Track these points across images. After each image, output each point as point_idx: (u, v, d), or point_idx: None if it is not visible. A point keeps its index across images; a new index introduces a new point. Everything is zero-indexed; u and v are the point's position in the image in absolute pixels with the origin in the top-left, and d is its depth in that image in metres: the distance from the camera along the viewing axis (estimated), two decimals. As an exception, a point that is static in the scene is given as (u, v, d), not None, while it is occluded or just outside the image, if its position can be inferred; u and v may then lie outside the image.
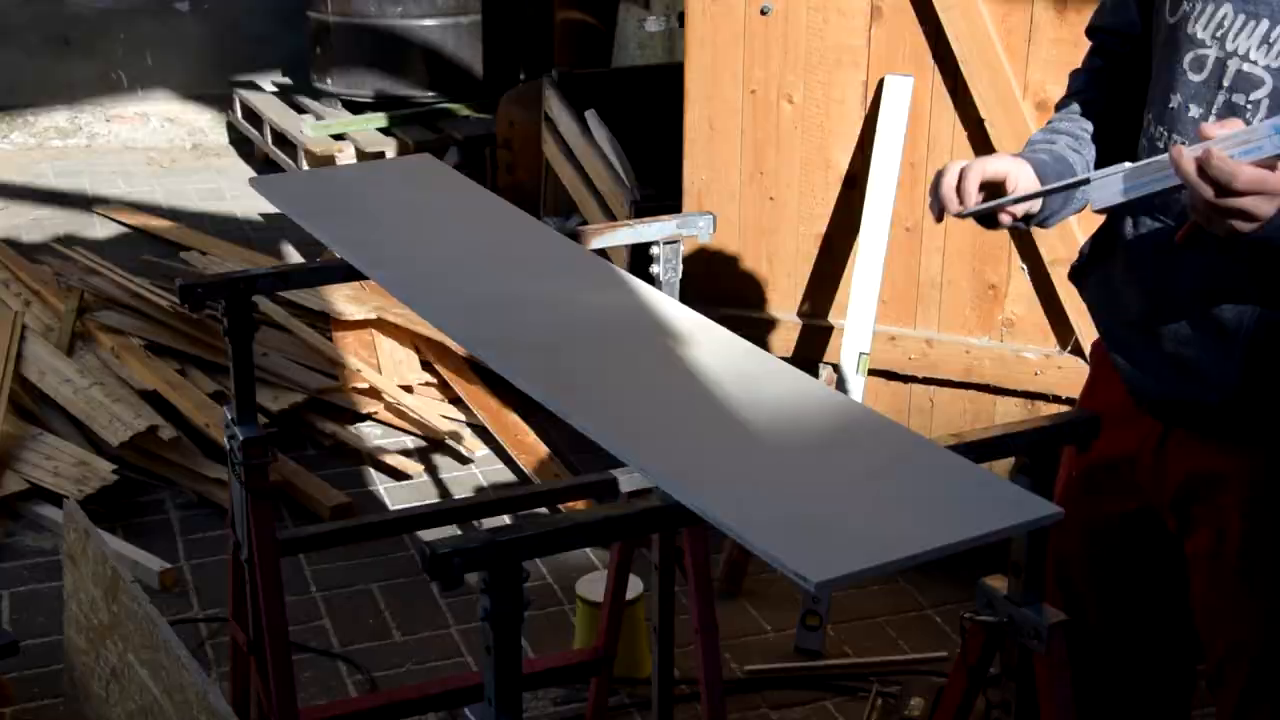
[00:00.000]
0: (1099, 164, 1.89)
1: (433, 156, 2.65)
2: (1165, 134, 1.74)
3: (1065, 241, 3.12)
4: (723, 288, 3.52)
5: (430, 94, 6.66)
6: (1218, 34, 1.66)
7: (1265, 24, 1.62)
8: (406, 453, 4.14)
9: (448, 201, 2.37)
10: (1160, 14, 1.76)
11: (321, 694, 3.12)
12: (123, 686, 2.53)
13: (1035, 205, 1.84)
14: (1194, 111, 1.69)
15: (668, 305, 1.95)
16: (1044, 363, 3.34)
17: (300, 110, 6.77)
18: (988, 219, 1.84)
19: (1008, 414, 3.41)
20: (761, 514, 1.45)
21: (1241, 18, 1.64)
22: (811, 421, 1.65)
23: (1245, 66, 1.64)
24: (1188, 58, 1.70)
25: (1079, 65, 2.02)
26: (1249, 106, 1.65)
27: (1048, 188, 1.79)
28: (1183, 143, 1.67)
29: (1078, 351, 3.30)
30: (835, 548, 1.39)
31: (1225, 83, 1.66)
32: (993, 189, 1.82)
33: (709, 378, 1.74)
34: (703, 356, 1.79)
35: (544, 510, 3.19)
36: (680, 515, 1.52)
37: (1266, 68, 1.63)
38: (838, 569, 1.35)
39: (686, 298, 2.27)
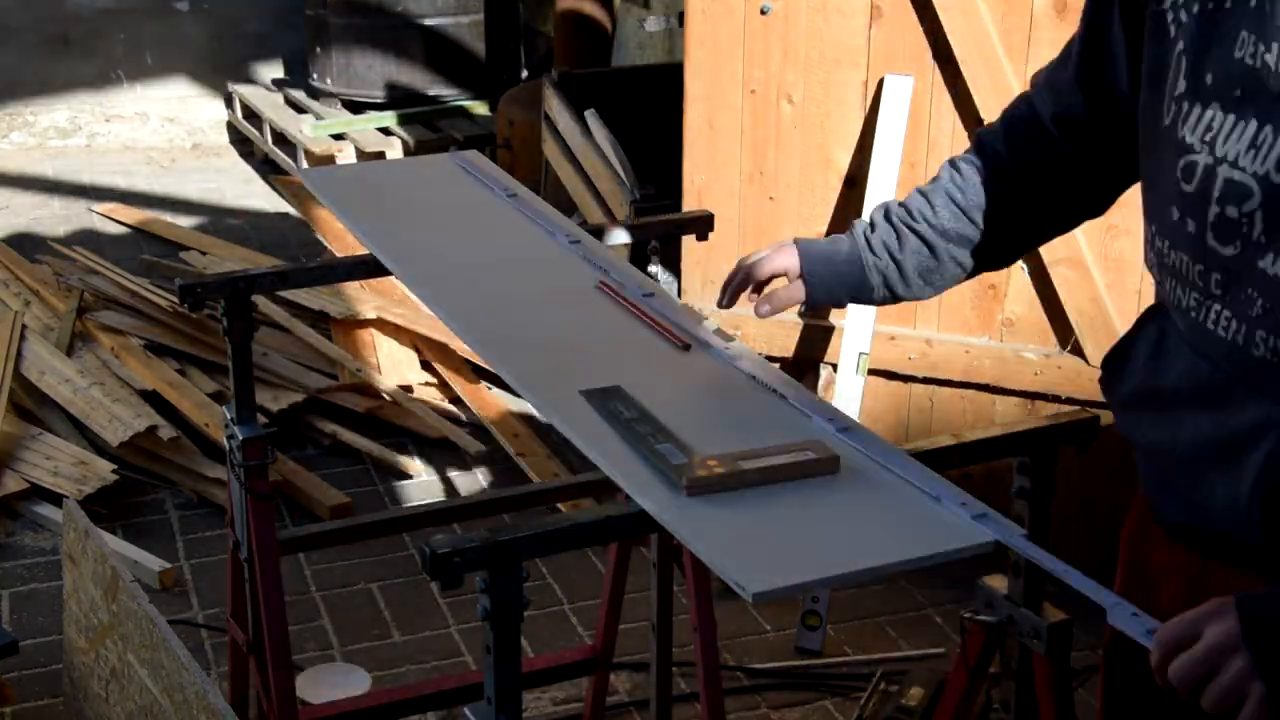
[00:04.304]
0: (985, 245, 1.81)
1: (479, 153, 2.65)
2: (1168, 249, 1.58)
3: (1067, 242, 3.11)
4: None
5: (431, 93, 6.66)
6: (1207, 138, 1.51)
7: (1254, 124, 1.47)
8: (406, 453, 4.14)
9: (487, 199, 2.36)
10: (1151, 112, 1.60)
11: (321, 694, 3.13)
12: (122, 686, 2.53)
13: (802, 292, 1.89)
14: (1190, 227, 1.54)
15: (674, 312, 1.94)
16: (1044, 362, 3.34)
17: (300, 110, 6.77)
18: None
19: (1007, 414, 3.41)
20: (715, 524, 1.46)
21: (1231, 119, 1.49)
22: (778, 434, 1.64)
23: (1235, 174, 1.49)
24: (1180, 164, 1.54)
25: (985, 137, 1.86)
26: (1244, 220, 1.49)
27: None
28: (1184, 258, 1.55)
29: (1078, 351, 3.30)
30: (774, 561, 1.41)
31: (1215, 194, 1.50)
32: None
33: (698, 393, 1.74)
34: (701, 373, 1.79)
35: (544, 510, 3.19)
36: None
37: (1254, 174, 1.47)
38: (775, 582, 1.37)
39: (685, 297, 2.27)
